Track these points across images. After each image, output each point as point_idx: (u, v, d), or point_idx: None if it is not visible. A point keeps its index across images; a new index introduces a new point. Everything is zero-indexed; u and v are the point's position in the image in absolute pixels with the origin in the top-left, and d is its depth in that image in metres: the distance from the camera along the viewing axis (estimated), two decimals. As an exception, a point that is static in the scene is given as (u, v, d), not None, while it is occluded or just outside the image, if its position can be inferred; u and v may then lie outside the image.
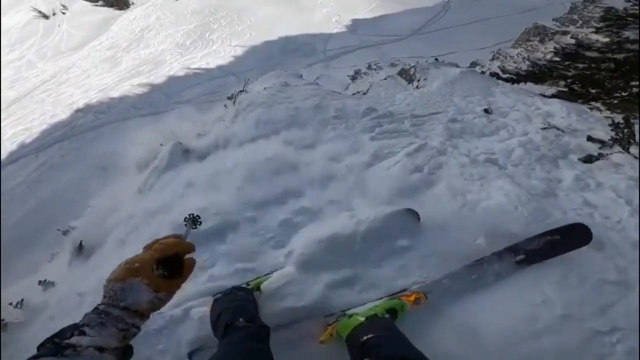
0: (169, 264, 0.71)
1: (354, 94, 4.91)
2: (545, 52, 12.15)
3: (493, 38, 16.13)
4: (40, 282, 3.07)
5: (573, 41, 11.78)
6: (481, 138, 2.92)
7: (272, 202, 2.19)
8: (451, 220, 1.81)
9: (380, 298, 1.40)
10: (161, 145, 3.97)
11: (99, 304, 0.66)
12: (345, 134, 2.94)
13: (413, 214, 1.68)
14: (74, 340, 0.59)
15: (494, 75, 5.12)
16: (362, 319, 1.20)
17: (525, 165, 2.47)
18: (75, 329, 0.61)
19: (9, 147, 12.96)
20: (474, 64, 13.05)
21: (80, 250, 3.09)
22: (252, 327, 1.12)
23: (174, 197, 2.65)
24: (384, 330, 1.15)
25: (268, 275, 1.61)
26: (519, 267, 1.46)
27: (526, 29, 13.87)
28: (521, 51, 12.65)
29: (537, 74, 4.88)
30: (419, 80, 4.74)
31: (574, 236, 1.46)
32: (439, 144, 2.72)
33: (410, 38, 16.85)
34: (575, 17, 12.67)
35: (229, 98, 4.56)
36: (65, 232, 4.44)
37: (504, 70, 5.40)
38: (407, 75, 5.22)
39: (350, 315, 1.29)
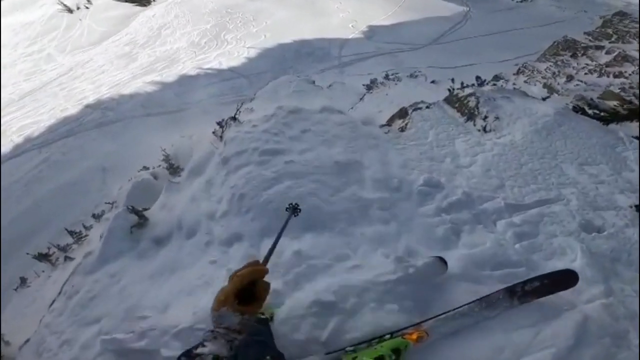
0: (246, 292, 0.89)
1: (385, 131, 3.03)
2: (577, 67, 10.73)
3: (515, 51, 14.76)
4: None
5: (611, 57, 10.35)
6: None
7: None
8: None
9: (383, 336, 1.29)
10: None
11: (212, 328, 0.88)
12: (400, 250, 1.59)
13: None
14: (199, 350, 0.82)
15: (578, 110, 3.61)
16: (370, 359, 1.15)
17: None
18: (199, 344, 0.84)
19: (15, 139, 12.14)
20: (497, 78, 11.70)
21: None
22: None
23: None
24: None
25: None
26: (514, 306, 1.34)
27: (554, 42, 12.43)
28: (550, 65, 11.21)
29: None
30: (485, 119, 2.99)
31: (562, 280, 1.39)
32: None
33: (428, 47, 15.51)
34: (610, 31, 11.20)
35: (219, 126, 3.22)
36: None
37: (590, 105, 3.88)
38: (462, 105, 3.33)
39: (355, 357, 1.20)
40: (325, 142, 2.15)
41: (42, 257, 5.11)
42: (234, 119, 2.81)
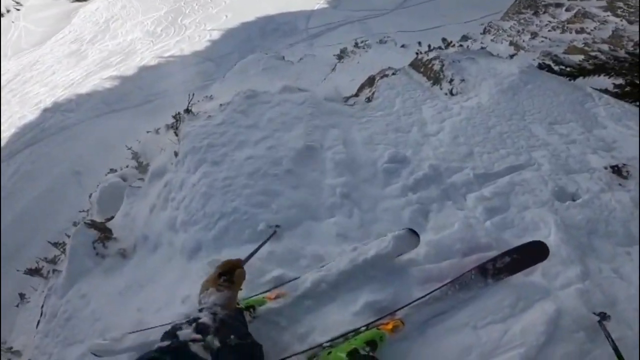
0: (226, 275, 1.07)
1: (351, 103, 2.80)
2: (540, 25, 10.62)
3: (480, 10, 14.45)
4: None
5: (571, 14, 10.26)
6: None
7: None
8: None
9: (358, 329, 1.23)
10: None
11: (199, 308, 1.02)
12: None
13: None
14: (190, 319, 0.93)
15: (544, 67, 3.42)
16: (343, 354, 1.10)
17: None
18: (193, 320, 0.94)
19: (-19, 155, 11.08)
20: (465, 38, 11.45)
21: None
22: (244, 346, 1.02)
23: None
24: None
25: (260, 295, 1.39)
26: (489, 285, 1.29)
27: (516, 0, 12.16)
28: (514, 24, 11.04)
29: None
30: (451, 82, 2.75)
31: (532, 252, 1.35)
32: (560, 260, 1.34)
33: (395, 12, 14.83)
34: (567, -13, 10.98)
35: (174, 119, 2.87)
36: None
37: (556, 62, 3.67)
38: (427, 70, 3.09)
39: (329, 352, 1.14)
40: (284, 126, 1.93)
41: (33, 272, 4.87)
42: (187, 111, 2.51)
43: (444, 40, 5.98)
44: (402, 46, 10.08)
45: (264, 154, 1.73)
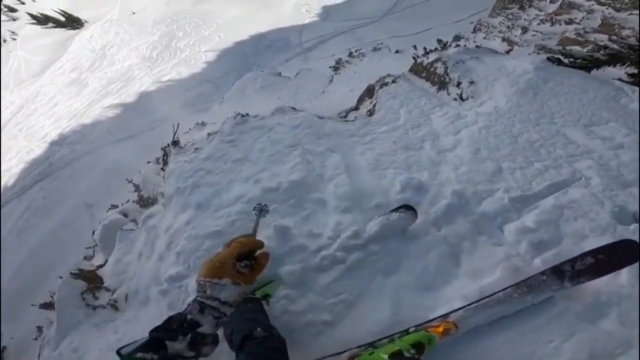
0: (247, 258, 0.85)
1: (352, 118, 2.44)
2: (529, 19, 10.38)
3: (467, 9, 14.29)
4: None
5: (556, 5, 10.01)
6: None
7: None
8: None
9: (407, 329, 1.09)
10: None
11: (196, 297, 0.81)
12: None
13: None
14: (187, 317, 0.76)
15: (554, 61, 3.12)
16: (385, 356, 0.98)
17: None
18: (183, 314, 0.76)
19: (-7, 192, 11.12)
20: (457, 38, 11.23)
21: None
22: (271, 339, 0.94)
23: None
24: None
25: (271, 282, 1.25)
26: (565, 288, 1.08)
27: (500, -4, 11.93)
28: (503, 20, 10.81)
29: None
30: (459, 85, 2.44)
31: (621, 252, 1.12)
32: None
33: (385, 18, 14.71)
34: (552, -24, 10.75)
35: (162, 151, 2.58)
36: None
37: (565, 54, 3.35)
38: (430, 74, 2.76)
39: (372, 352, 1.04)
40: (278, 157, 1.64)
41: (48, 306, 4.68)
42: (175, 143, 2.23)
43: (439, 41, 5.71)
44: (397, 52, 9.87)
45: (255, 196, 1.42)
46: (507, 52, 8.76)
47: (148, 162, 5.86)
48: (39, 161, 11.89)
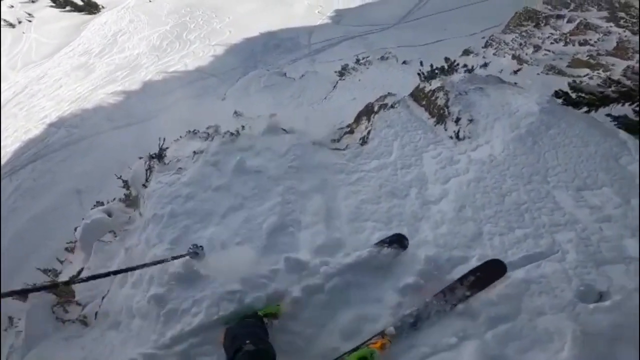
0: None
1: (343, 147, 2.37)
2: (542, 37, 10.23)
3: (481, 23, 14.09)
4: None
5: (573, 25, 9.86)
6: None
7: None
8: None
9: (356, 347, 1.21)
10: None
11: None
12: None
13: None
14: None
15: (560, 96, 2.94)
16: None
17: None
18: None
19: (-16, 168, 10.91)
20: (467, 52, 11.09)
21: None
22: (257, 354, 1.05)
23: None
24: None
25: (277, 305, 1.36)
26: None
27: (516, 13, 11.80)
28: (516, 37, 10.66)
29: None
30: (457, 121, 2.31)
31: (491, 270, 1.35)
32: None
33: (396, 27, 14.54)
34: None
35: (145, 163, 2.47)
36: None
37: (574, 88, 3.12)
38: (430, 104, 2.63)
39: None
40: (259, 192, 1.52)
41: (24, 297, 4.48)
42: (159, 157, 2.10)
43: (446, 59, 5.57)
44: (404, 62, 9.76)
45: (229, 236, 1.32)
46: (516, 71, 8.60)
47: (140, 158, 5.70)
48: (35, 142, 11.72)
